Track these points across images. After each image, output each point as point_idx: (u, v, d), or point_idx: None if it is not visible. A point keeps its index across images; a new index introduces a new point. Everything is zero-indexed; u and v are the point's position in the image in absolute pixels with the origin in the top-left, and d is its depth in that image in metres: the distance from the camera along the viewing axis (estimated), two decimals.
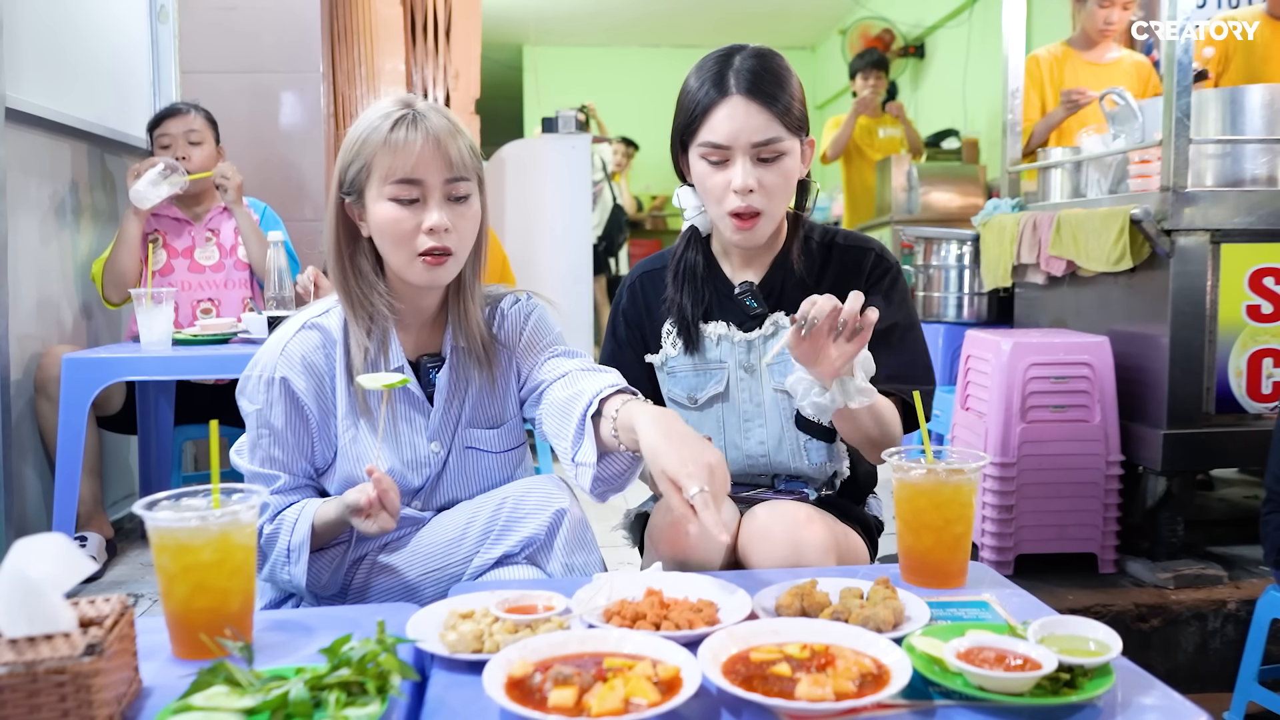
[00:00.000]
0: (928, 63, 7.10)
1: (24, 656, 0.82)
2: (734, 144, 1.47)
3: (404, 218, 1.35)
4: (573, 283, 5.03)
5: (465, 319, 1.46)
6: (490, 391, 1.51)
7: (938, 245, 3.66)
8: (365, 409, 1.42)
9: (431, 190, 1.35)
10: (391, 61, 4.58)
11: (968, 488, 1.20)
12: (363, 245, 1.43)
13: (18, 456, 2.72)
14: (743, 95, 1.46)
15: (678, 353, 1.63)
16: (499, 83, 9.13)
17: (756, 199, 1.48)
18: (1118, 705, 0.90)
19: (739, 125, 1.46)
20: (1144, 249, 2.48)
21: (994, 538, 2.51)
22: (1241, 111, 2.53)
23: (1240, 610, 2.37)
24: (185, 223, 3.03)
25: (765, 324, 1.59)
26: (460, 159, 1.36)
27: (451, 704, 0.92)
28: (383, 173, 1.34)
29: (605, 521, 1.78)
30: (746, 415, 1.60)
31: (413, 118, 1.35)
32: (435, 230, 1.35)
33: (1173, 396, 2.45)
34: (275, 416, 1.40)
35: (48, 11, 2.91)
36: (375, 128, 1.35)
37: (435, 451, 1.47)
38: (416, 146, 1.33)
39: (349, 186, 1.39)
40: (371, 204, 1.37)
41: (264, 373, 1.41)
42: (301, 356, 1.41)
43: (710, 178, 1.50)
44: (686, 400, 1.64)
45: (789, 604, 1.09)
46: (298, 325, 1.44)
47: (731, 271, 1.64)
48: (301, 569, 1.36)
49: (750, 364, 1.60)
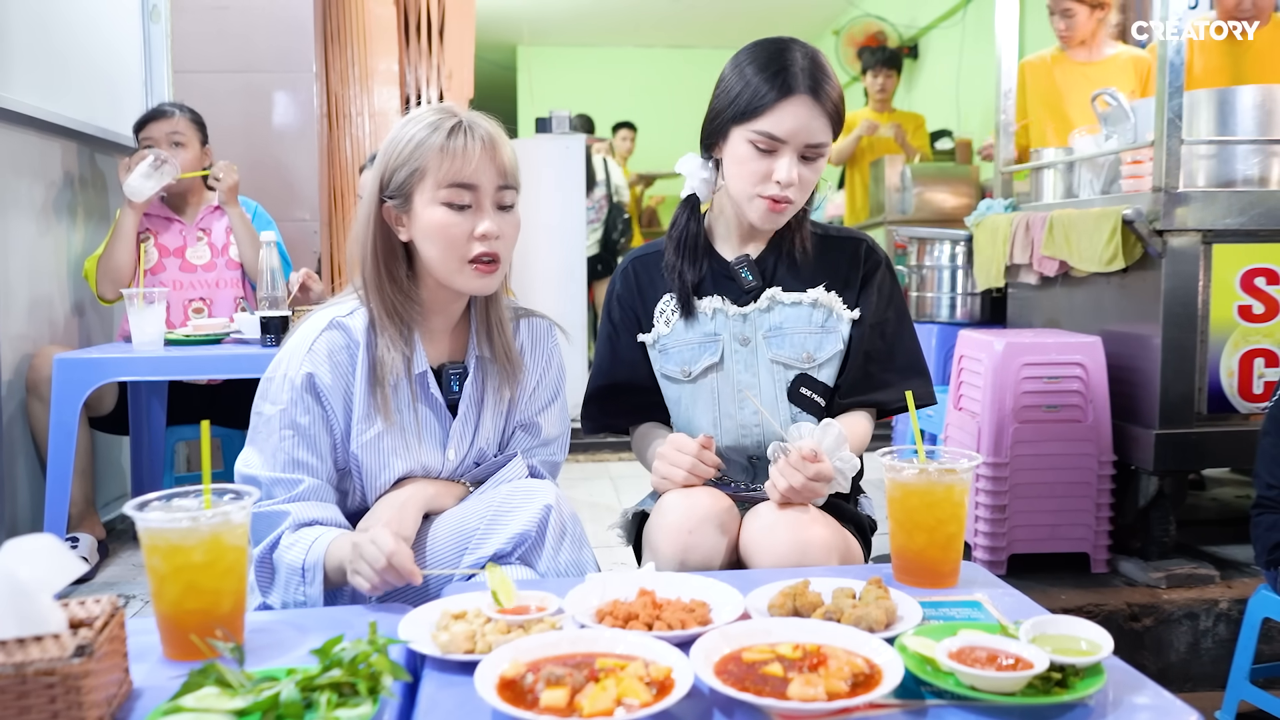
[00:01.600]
0: (921, 63, 7.11)
1: (13, 658, 0.82)
2: (791, 140, 1.53)
3: (457, 223, 1.36)
4: (567, 281, 5.04)
5: (490, 328, 1.48)
6: (505, 413, 1.53)
7: (931, 245, 3.66)
8: (384, 411, 1.41)
9: (485, 196, 1.37)
10: (385, 62, 4.57)
11: (960, 487, 1.21)
12: (399, 252, 1.42)
13: (9, 457, 2.71)
14: (808, 96, 1.52)
15: (670, 330, 1.67)
16: (493, 83, 9.11)
17: (793, 192, 1.55)
18: (1109, 704, 0.90)
19: (801, 125, 1.52)
20: (1136, 249, 2.49)
21: (986, 537, 2.51)
22: (1233, 112, 2.53)
23: (1232, 610, 2.38)
24: (176, 222, 3.02)
25: (761, 298, 1.64)
26: (511, 167, 1.39)
27: (443, 705, 0.92)
28: (437, 178, 1.35)
29: (599, 522, 1.78)
30: (741, 384, 1.64)
31: (468, 125, 1.37)
32: (488, 237, 1.36)
33: (1165, 396, 2.45)
34: (300, 414, 1.37)
35: (40, 11, 2.90)
36: (428, 134, 1.36)
37: (450, 459, 1.47)
38: (475, 153, 1.35)
39: (394, 190, 1.38)
40: (422, 209, 1.37)
41: (289, 371, 1.39)
42: (328, 354, 1.40)
43: (754, 161, 1.55)
44: (679, 374, 1.67)
45: (781, 604, 1.09)
46: (324, 323, 1.42)
47: (727, 249, 1.69)
48: (317, 590, 1.31)
49: (745, 336, 1.64)
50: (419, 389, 1.44)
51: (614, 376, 1.73)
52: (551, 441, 1.59)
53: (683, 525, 1.44)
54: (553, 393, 1.59)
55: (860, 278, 1.66)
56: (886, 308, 1.66)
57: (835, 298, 1.64)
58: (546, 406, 1.58)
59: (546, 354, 1.58)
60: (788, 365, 1.62)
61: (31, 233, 2.88)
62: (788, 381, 1.63)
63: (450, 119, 1.37)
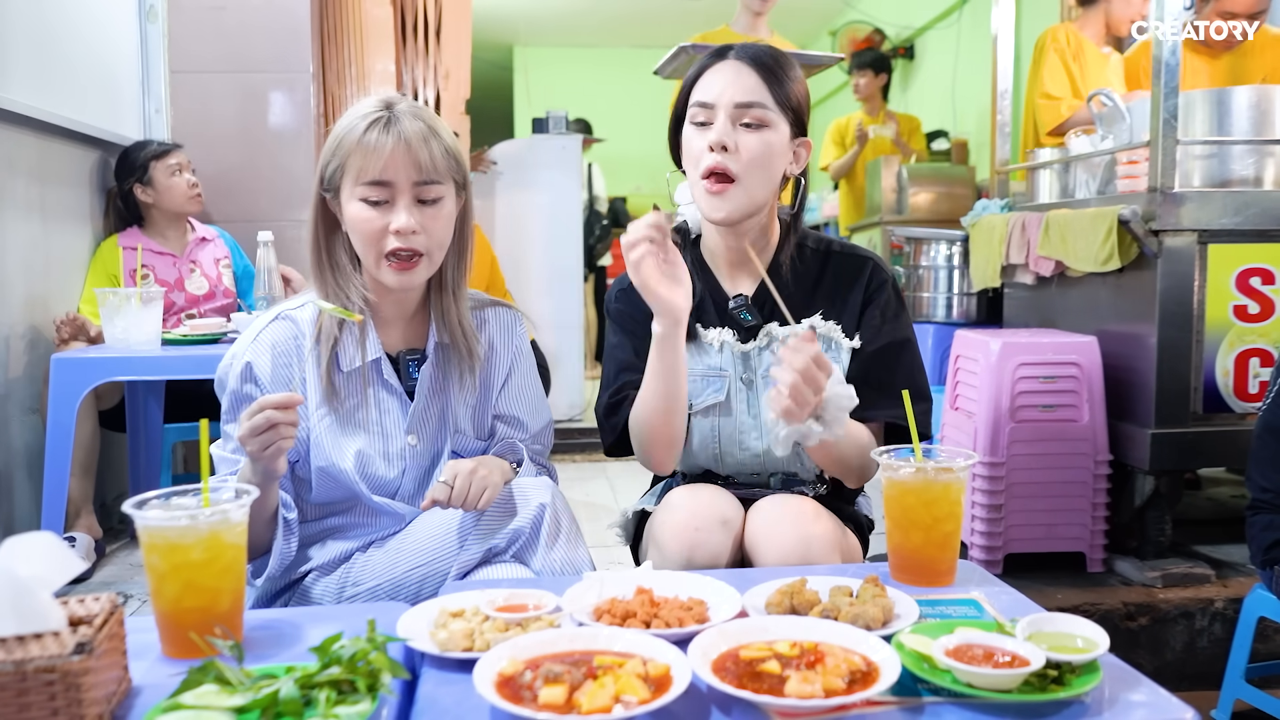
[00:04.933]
0: (917, 64, 7.12)
1: (13, 655, 0.82)
2: (718, 102, 1.48)
3: (373, 218, 1.38)
4: (562, 281, 5.04)
5: (447, 316, 1.49)
6: (476, 401, 1.53)
7: (927, 246, 3.67)
8: (337, 397, 1.43)
9: (400, 192, 1.38)
10: (381, 62, 4.57)
11: (956, 486, 1.21)
12: (341, 239, 1.46)
13: (5, 456, 2.70)
14: (736, 59, 1.50)
15: None
16: (490, 83, 9.12)
17: (731, 161, 1.46)
18: (1105, 701, 0.90)
19: (727, 81, 1.48)
20: (1132, 249, 2.49)
21: (983, 537, 2.52)
22: (1228, 113, 2.54)
23: (1227, 609, 2.39)
24: (168, 255, 3.14)
25: (759, 335, 1.57)
26: (431, 163, 1.38)
27: (442, 702, 0.92)
28: (355, 173, 1.37)
29: (597, 521, 1.78)
30: (743, 428, 1.58)
31: (387, 120, 1.38)
32: (402, 232, 1.37)
33: (1160, 396, 2.46)
34: (240, 403, 1.42)
35: (37, 11, 2.90)
36: (352, 128, 1.38)
37: (413, 445, 1.47)
38: (387, 149, 1.36)
39: (327, 183, 1.42)
40: (345, 203, 1.40)
41: (233, 362, 1.44)
42: (271, 345, 1.44)
43: (693, 140, 1.50)
44: None
45: (779, 602, 1.09)
46: (270, 317, 1.48)
47: (724, 281, 1.62)
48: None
49: (748, 378, 1.57)
50: (373, 374, 1.46)
51: (630, 374, 1.69)
52: (537, 433, 1.60)
53: (689, 523, 1.43)
54: (530, 383, 1.60)
55: (862, 301, 1.57)
56: (889, 332, 1.56)
57: (833, 326, 1.56)
58: (526, 398, 1.59)
59: (516, 344, 1.59)
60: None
61: (29, 232, 2.88)
62: None
63: (376, 113, 1.39)
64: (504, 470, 1.45)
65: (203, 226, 3.26)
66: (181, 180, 3.10)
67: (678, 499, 1.48)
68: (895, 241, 3.97)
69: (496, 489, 1.39)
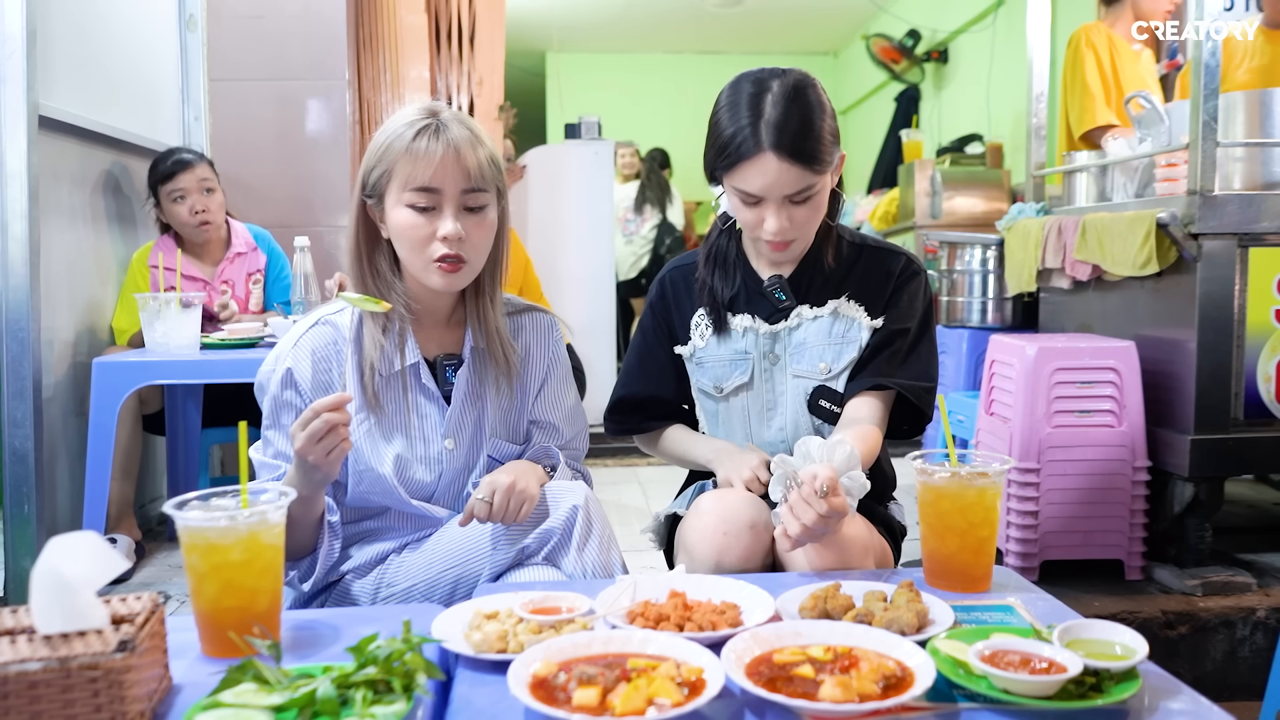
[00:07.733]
0: (951, 68, 7.07)
1: (58, 652, 0.83)
2: (766, 196, 1.49)
3: (420, 224, 1.38)
4: (595, 286, 5.05)
5: (484, 321, 1.50)
6: (512, 405, 1.54)
7: (962, 250, 3.64)
8: (376, 404, 1.44)
9: (448, 199, 1.38)
10: (416, 68, 4.61)
11: (992, 491, 1.20)
12: (382, 246, 1.46)
13: (49, 458, 2.75)
14: (774, 152, 1.45)
15: (706, 344, 1.66)
16: (522, 89, 9.17)
17: (789, 232, 1.52)
18: (1145, 710, 0.89)
19: (771, 181, 1.47)
20: (1170, 253, 2.46)
21: (1018, 543, 2.49)
22: (1270, 114, 2.50)
23: (1269, 618, 2.34)
24: (202, 281, 3.06)
25: (791, 316, 1.62)
26: (479, 170, 1.39)
27: (476, 703, 0.92)
28: (402, 179, 1.38)
29: (629, 525, 1.78)
30: (768, 404, 1.64)
31: (435, 127, 1.38)
32: (449, 239, 1.38)
33: (1200, 402, 2.42)
34: (281, 409, 1.43)
35: (80, 21, 2.95)
36: (399, 135, 1.39)
37: (449, 449, 1.48)
38: (437, 156, 1.36)
39: (371, 189, 1.42)
40: (390, 209, 1.40)
41: (275, 367, 1.45)
42: (311, 350, 1.45)
43: (743, 211, 1.54)
44: (713, 390, 1.67)
45: (812, 606, 1.09)
46: (311, 322, 1.48)
47: (761, 265, 1.67)
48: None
49: (774, 353, 1.63)
50: (412, 379, 1.47)
51: (640, 384, 1.74)
52: (572, 439, 1.61)
53: (718, 527, 1.44)
54: (565, 389, 1.61)
55: (891, 289, 1.62)
56: (913, 315, 1.61)
57: (857, 307, 1.61)
58: (561, 404, 1.59)
59: (552, 348, 1.60)
60: (806, 378, 1.61)
61: (72, 238, 2.93)
62: (807, 394, 1.61)
63: (423, 120, 1.39)
64: (539, 476, 1.46)
65: (241, 230, 3.15)
66: (182, 208, 2.95)
67: (706, 504, 1.49)
68: (930, 246, 3.94)
69: (534, 501, 1.39)
